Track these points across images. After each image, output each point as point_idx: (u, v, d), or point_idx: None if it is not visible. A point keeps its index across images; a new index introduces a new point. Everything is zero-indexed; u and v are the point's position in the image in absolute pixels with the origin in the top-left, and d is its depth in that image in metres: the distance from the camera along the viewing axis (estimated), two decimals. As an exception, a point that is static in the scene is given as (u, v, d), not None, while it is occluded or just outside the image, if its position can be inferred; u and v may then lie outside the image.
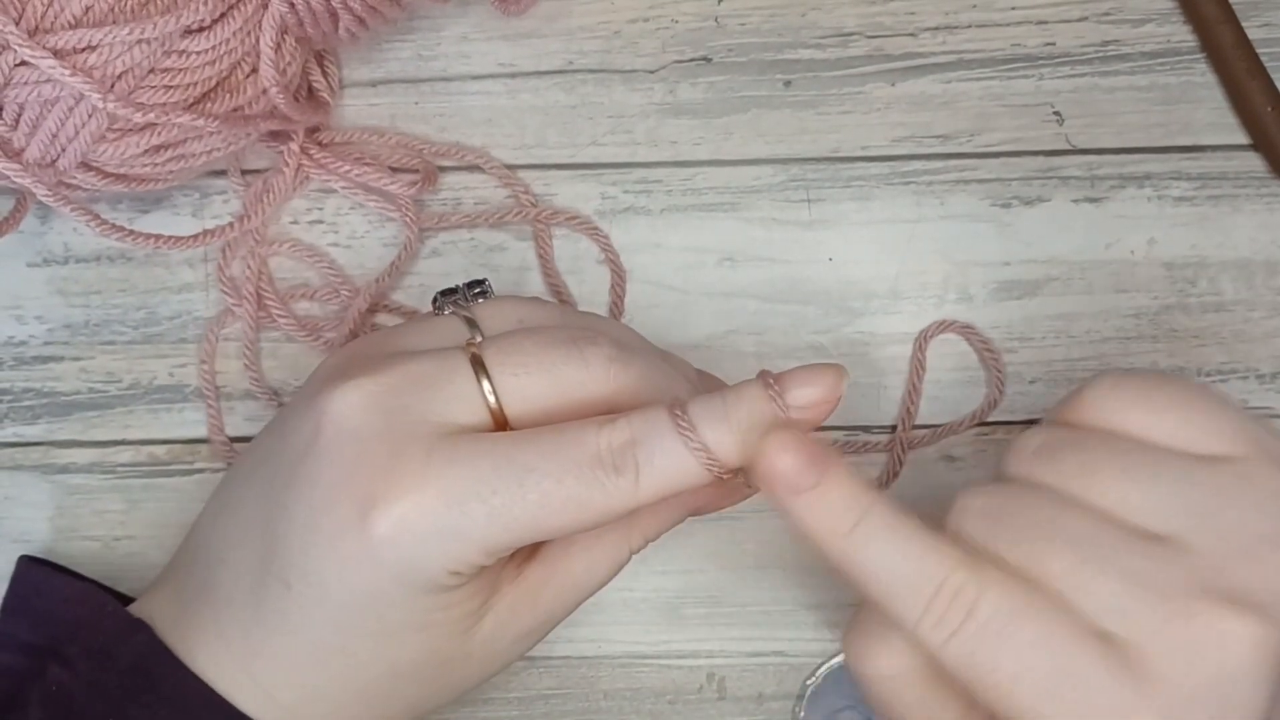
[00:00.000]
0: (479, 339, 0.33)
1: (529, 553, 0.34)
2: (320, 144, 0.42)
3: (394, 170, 0.42)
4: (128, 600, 0.36)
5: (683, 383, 0.35)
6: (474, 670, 0.34)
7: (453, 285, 0.36)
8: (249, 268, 0.42)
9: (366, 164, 0.42)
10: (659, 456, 0.30)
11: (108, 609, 0.35)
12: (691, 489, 0.31)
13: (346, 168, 0.42)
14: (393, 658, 0.32)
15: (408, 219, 0.42)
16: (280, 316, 0.42)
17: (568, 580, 0.34)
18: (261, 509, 0.32)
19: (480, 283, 0.36)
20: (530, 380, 0.31)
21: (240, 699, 0.32)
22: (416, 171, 0.42)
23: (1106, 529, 0.28)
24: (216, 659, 0.33)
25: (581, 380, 0.32)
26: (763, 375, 0.32)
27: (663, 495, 0.31)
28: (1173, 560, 0.27)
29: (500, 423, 0.31)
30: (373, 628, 0.31)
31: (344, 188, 0.42)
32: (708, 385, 0.37)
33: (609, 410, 0.32)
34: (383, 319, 0.42)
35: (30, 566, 0.39)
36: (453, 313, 0.35)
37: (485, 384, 0.31)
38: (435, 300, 0.36)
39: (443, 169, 0.43)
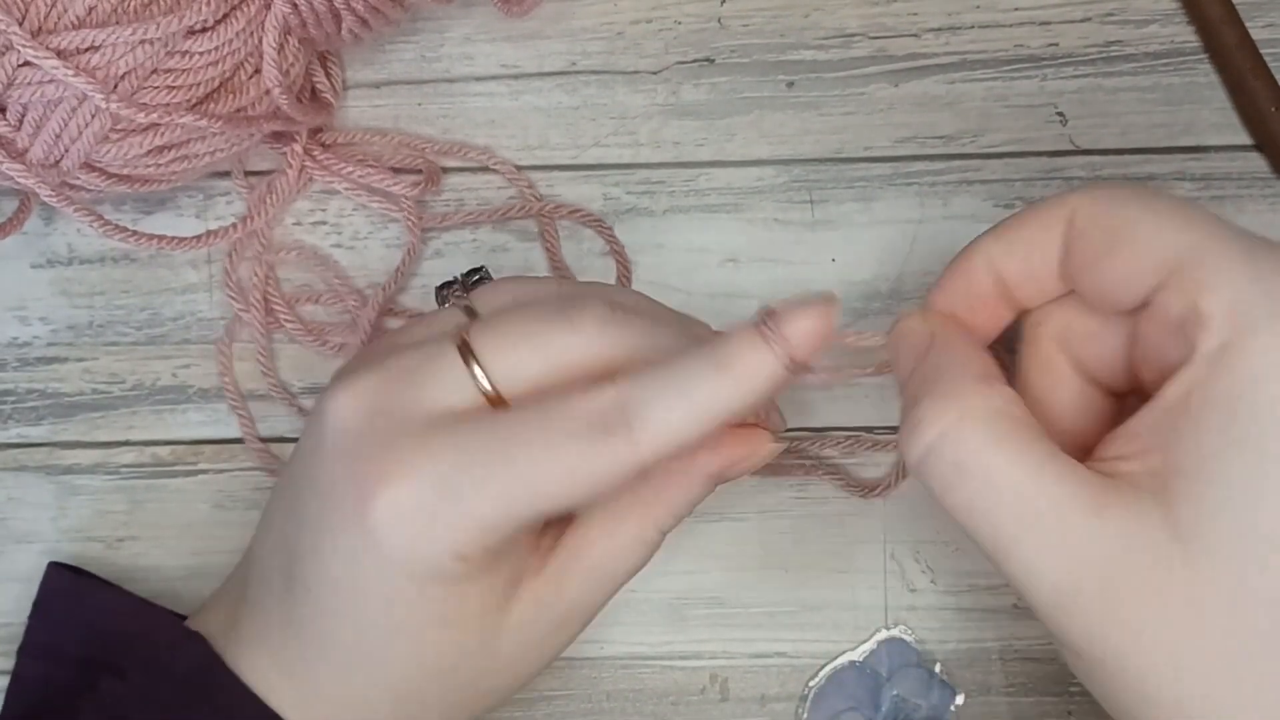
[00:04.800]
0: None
1: (552, 542, 0.33)
2: (323, 145, 0.42)
3: (397, 171, 0.42)
4: None
5: (693, 339, 0.32)
6: (506, 672, 0.33)
7: (450, 278, 0.36)
8: (256, 274, 0.42)
9: (369, 165, 0.42)
10: (655, 410, 0.29)
11: (162, 621, 0.36)
12: (702, 442, 0.30)
13: (349, 169, 0.42)
14: (419, 657, 0.32)
15: (410, 220, 0.42)
16: (287, 321, 0.42)
17: (592, 566, 0.33)
18: (285, 518, 0.33)
19: (478, 270, 0.36)
20: (519, 356, 0.31)
21: (284, 708, 0.33)
22: (419, 172, 0.42)
23: None
24: (260, 669, 0.33)
25: (573, 346, 0.31)
26: (759, 314, 0.29)
27: (667, 451, 0.29)
28: None
29: (496, 403, 0.31)
30: (392, 625, 0.31)
31: (347, 189, 0.42)
32: None
33: (613, 373, 0.30)
34: (387, 322, 0.42)
35: (68, 577, 0.38)
36: (453, 304, 0.35)
37: (475, 367, 0.31)
38: (437, 294, 0.36)
39: (446, 170, 0.43)
